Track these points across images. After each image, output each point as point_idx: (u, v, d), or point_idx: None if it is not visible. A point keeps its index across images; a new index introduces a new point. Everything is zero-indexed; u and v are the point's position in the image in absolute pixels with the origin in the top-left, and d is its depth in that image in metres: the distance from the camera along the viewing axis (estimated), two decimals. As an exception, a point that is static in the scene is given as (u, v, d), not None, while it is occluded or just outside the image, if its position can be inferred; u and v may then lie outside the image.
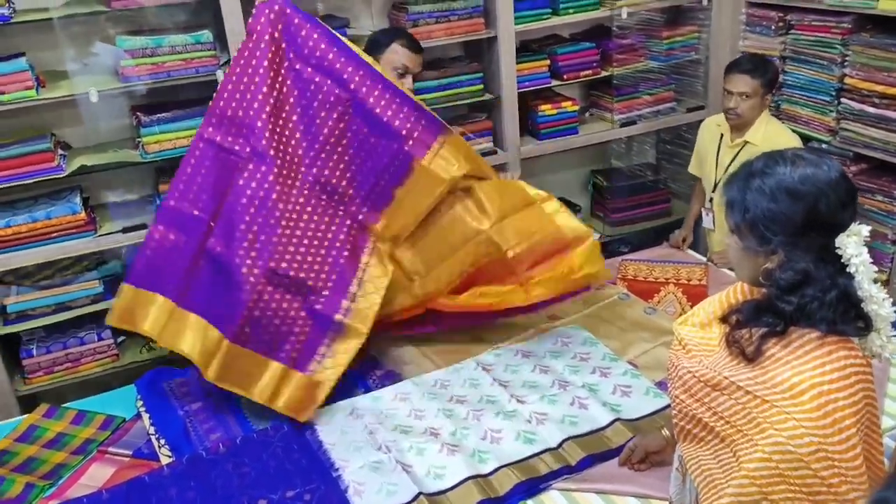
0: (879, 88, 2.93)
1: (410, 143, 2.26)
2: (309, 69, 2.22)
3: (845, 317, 1.26)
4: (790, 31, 3.28)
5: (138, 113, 2.79)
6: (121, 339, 3.02)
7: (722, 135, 2.90)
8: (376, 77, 2.24)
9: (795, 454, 1.21)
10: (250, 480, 1.97)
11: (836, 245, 1.25)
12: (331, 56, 2.22)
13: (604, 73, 3.45)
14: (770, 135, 2.76)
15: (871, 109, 2.98)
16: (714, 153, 2.93)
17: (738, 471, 1.28)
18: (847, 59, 3.05)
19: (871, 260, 1.25)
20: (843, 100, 3.10)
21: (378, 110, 2.23)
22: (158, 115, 2.78)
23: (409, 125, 2.25)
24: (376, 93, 2.23)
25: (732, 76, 2.75)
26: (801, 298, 1.26)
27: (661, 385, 2.20)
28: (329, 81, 2.22)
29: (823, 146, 3.17)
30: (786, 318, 1.27)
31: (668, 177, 4.01)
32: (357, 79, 2.22)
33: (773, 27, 3.33)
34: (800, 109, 3.27)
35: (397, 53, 2.44)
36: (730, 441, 1.31)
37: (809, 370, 1.23)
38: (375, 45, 2.49)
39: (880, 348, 1.29)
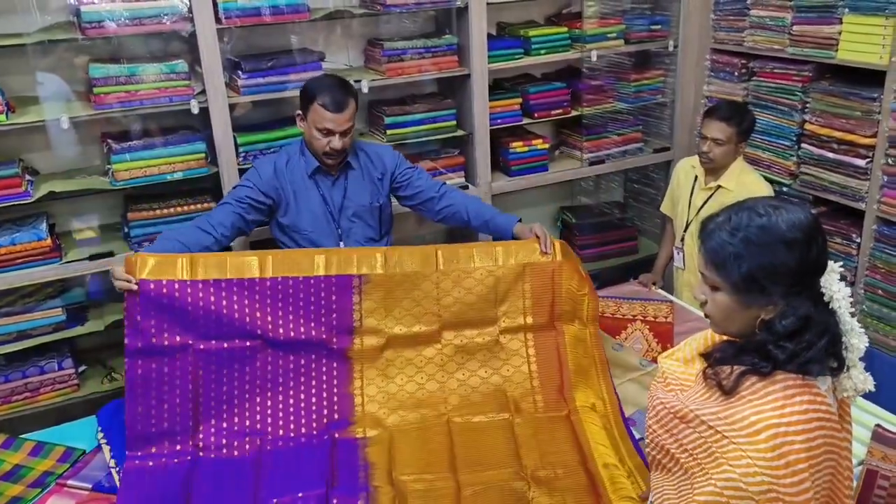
0: (838, 134, 3.03)
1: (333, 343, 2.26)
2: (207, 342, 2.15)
3: (825, 357, 1.28)
4: (752, 78, 3.39)
5: (109, 140, 2.78)
6: (82, 368, 2.96)
7: (696, 177, 2.95)
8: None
9: (746, 492, 1.21)
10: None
11: (822, 284, 1.28)
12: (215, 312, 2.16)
13: (574, 113, 3.53)
14: (744, 182, 2.80)
15: (830, 154, 3.08)
16: (687, 194, 2.98)
17: (690, 502, 1.28)
18: (807, 105, 3.16)
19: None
20: (803, 145, 3.21)
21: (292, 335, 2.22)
22: (129, 142, 2.77)
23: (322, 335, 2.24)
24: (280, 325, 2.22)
25: (709, 121, 2.80)
26: (797, 345, 1.27)
27: (629, 421, 2.21)
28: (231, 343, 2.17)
29: (784, 189, 3.26)
30: (777, 363, 1.28)
31: (636, 215, 4.09)
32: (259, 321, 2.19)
33: (736, 73, 3.44)
34: (761, 153, 3.37)
35: (317, 114, 2.39)
36: (690, 473, 1.32)
37: (769, 410, 1.24)
38: (303, 98, 2.46)
39: (861, 382, 1.30)
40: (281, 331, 2.21)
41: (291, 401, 2.21)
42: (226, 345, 2.16)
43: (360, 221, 2.59)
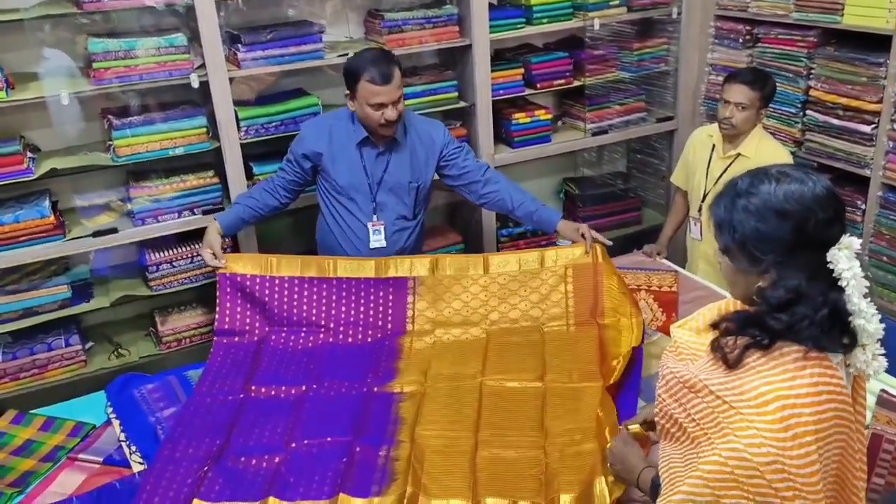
0: (843, 101, 3.01)
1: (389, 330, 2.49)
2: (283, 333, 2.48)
3: (831, 332, 1.26)
4: (757, 45, 3.36)
5: (109, 116, 2.76)
6: (89, 345, 2.97)
7: (714, 146, 2.91)
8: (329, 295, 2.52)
9: (751, 462, 1.21)
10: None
11: (828, 259, 1.25)
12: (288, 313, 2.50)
13: (576, 83, 3.50)
14: (763, 149, 2.77)
15: (835, 121, 3.06)
16: (704, 164, 2.94)
17: (695, 471, 1.29)
18: (812, 71, 3.13)
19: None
20: (808, 111, 3.18)
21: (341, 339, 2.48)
22: (130, 118, 2.75)
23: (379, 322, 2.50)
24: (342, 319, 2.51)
25: (731, 86, 2.75)
26: (791, 316, 1.25)
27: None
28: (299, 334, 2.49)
29: (789, 157, 3.24)
30: (773, 335, 1.27)
31: (639, 185, 4.07)
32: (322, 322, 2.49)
33: (740, 40, 3.41)
34: (766, 121, 3.33)
35: (366, 90, 2.42)
36: (697, 443, 1.32)
37: (778, 382, 1.24)
38: (348, 78, 2.48)
39: (865, 364, 1.28)
40: (342, 321, 2.50)
41: (340, 365, 2.37)
42: (293, 331, 2.48)
43: (395, 198, 2.63)
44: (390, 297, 2.53)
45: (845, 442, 1.29)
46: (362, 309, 2.52)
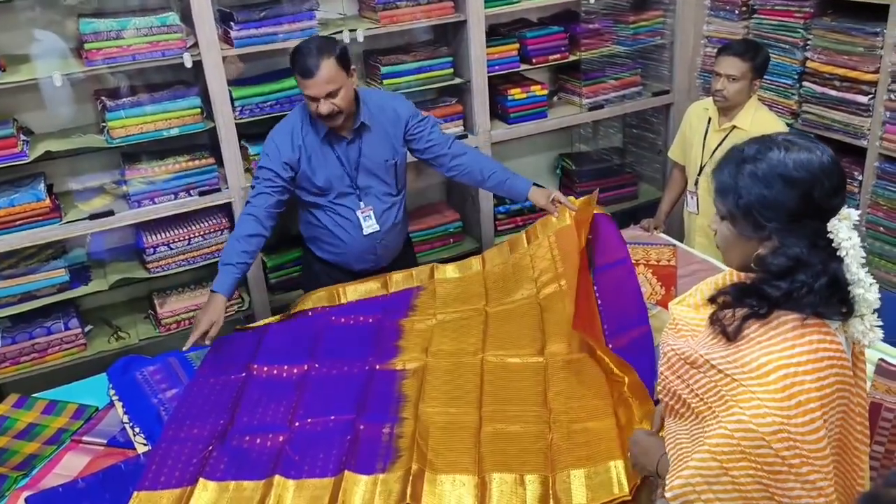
0: (840, 72, 3.00)
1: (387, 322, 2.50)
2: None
3: (829, 301, 1.26)
4: (753, 16, 3.34)
5: (103, 97, 2.74)
6: (88, 328, 2.97)
7: (710, 119, 2.90)
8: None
9: (757, 433, 1.22)
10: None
11: (829, 230, 1.25)
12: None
13: (572, 58, 3.47)
14: (759, 121, 2.76)
15: (833, 92, 3.05)
16: (701, 137, 2.94)
17: (702, 445, 1.29)
18: (809, 43, 3.12)
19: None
20: (804, 83, 3.17)
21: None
22: (124, 99, 2.73)
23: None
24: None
25: (722, 58, 2.75)
26: (791, 284, 1.25)
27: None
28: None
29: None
30: (771, 302, 1.27)
31: (635, 160, 4.07)
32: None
33: (736, 11, 3.39)
34: (762, 93, 3.32)
35: (298, 82, 2.38)
36: (702, 418, 1.33)
37: (778, 351, 1.24)
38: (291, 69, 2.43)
39: (861, 335, 1.29)
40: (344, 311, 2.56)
41: (341, 345, 2.40)
42: (296, 321, 2.53)
43: (377, 179, 2.61)
44: (395, 308, 2.59)
45: (847, 406, 1.30)
46: (371, 319, 2.56)
